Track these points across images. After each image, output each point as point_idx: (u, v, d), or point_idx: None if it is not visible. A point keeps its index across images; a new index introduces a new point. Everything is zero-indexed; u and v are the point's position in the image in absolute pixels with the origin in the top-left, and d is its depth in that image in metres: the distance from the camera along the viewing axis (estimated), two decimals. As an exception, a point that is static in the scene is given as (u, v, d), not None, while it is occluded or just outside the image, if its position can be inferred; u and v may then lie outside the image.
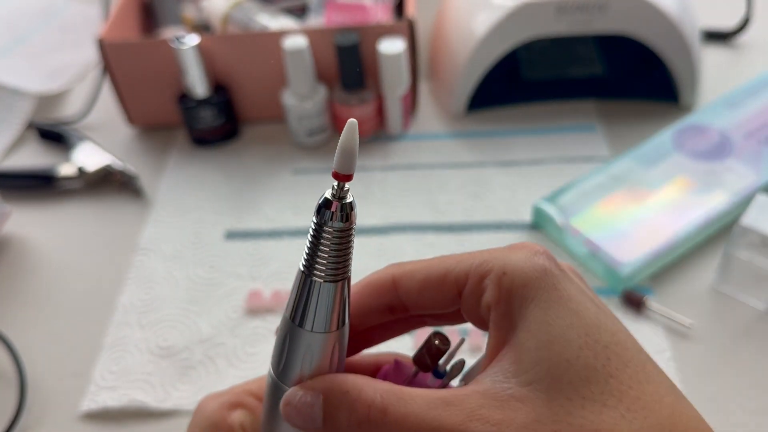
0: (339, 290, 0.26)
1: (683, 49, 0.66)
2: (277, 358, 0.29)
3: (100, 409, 0.50)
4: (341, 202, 0.24)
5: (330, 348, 0.28)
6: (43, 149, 0.74)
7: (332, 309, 0.27)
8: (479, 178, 0.65)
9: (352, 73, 0.66)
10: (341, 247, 0.25)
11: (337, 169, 0.24)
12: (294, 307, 0.27)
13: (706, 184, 0.59)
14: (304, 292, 0.26)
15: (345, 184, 0.24)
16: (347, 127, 0.24)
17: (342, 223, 0.25)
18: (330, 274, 0.26)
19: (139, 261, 0.61)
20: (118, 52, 0.68)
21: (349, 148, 0.24)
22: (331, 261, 0.26)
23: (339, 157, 0.24)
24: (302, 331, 0.27)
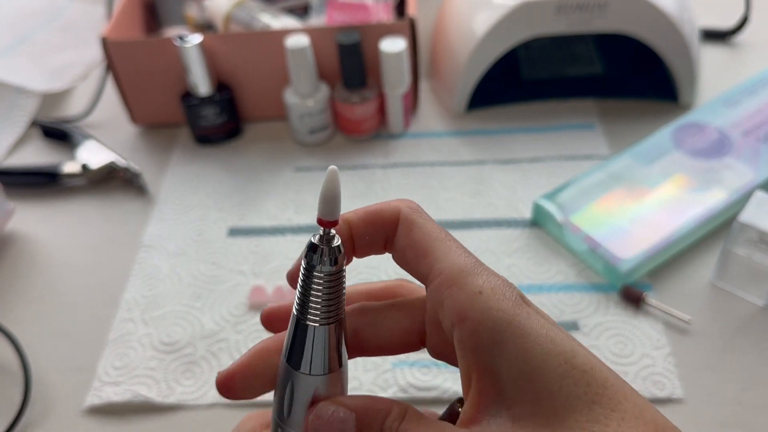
0: (333, 332, 0.26)
1: (682, 48, 0.67)
2: (278, 401, 0.29)
3: (104, 404, 0.51)
4: (329, 246, 0.25)
5: (329, 389, 0.28)
6: (47, 147, 0.75)
7: (328, 351, 0.27)
8: (479, 176, 0.66)
9: (354, 71, 0.66)
10: (332, 291, 0.26)
11: (321, 216, 0.24)
12: (290, 352, 0.27)
13: (705, 182, 0.59)
14: (299, 336, 0.26)
15: (331, 230, 0.25)
16: (328, 175, 0.24)
17: (331, 267, 0.25)
18: (323, 317, 0.26)
19: (143, 258, 0.61)
20: (121, 50, 0.68)
21: (332, 196, 0.24)
22: (324, 305, 0.26)
23: (322, 204, 0.24)
24: (300, 375, 0.27)
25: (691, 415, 0.47)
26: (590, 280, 0.56)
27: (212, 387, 0.51)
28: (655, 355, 0.50)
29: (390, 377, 0.50)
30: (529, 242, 0.59)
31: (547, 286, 0.56)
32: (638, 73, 0.74)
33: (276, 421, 0.30)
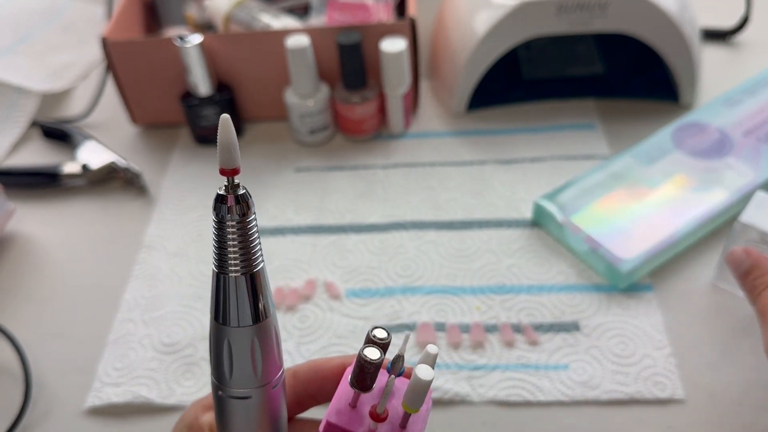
0: (255, 279, 0.27)
1: (683, 47, 0.67)
2: (216, 366, 0.29)
3: (104, 405, 0.51)
4: (235, 194, 0.25)
5: (264, 339, 0.28)
6: (47, 147, 0.75)
7: (254, 299, 0.27)
8: (480, 176, 0.66)
9: (354, 71, 0.66)
10: (246, 238, 0.26)
11: (222, 165, 0.25)
12: (218, 309, 0.27)
13: (706, 182, 0.59)
14: (223, 290, 0.27)
15: (234, 178, 0.25)
16: (221, 124, 0.24)
17: (239, 216, 0.25)
18: (242, 267, 0.26)
19: (143, 258, 0.61)
20: (121, 50, 0.68)
21: (228, 143, 0.25)
22: (240, 254, 0.26)
23: (220, 153, 0.25)
24: (234, 330, 0.28)
25: (692, 415, 0.47)
26: (591, 280, 0.56)
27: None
28: (656, 356, 0.50)
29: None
30: (529, 242, 0.59)
31: (547, 286, 0.56)
32: (639, 73, 0.74)
33: (216, 389, 0.30)
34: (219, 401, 0.31)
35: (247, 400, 0.30)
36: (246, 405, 0.30)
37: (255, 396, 0.30)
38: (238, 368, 0.29)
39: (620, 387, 0.49)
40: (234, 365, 0.29)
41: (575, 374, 0.50)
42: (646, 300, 0.54)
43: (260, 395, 0.30)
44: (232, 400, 0.30)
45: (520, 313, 0.54)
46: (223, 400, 0.30)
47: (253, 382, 0.29)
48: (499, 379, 0.50)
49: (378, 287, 0.57)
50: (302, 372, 0.36)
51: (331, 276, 0.58)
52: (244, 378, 0.29)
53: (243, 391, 0.30)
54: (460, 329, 0.53)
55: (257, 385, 0.30)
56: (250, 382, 0.29)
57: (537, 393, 0.49)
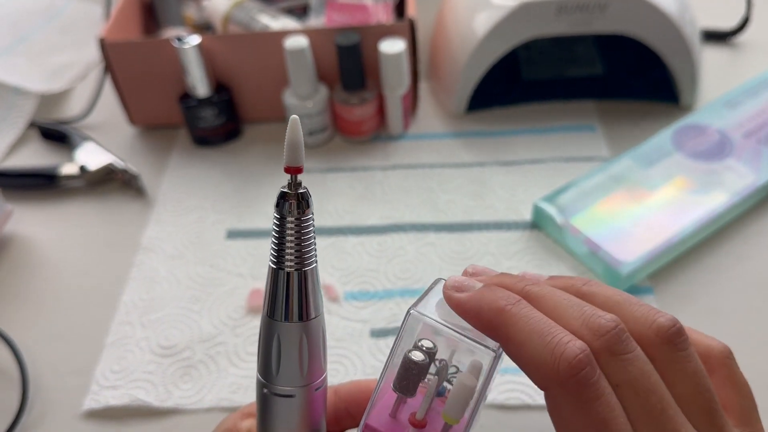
0: (310, 277, 0.28)
1: (683, 49, 0.66)
2: (264, 362, 0.30)
3: (102, 407, 0.50)
4: (296, 192, 0.26)
5: (313, 336, 0.29)
6: (45, 148, 0.74)
7: (307, 297, 0.28)
8: (479, 178, 0.66)
9: (353, 72, 0.66)
10: (304, 236, 0.27)
11: (288, 163, 0.26)
12: (273, 305, 0.28)
13: (706, 184, 0.59)
14: (279, 286, 0.27)
15: (297, 177, 0.26)
16: (291, 124, 0.25)
17: (301, 213, 0.26)
18: (298, 263, 0.27)
19: (141, 260, 0.61)
20: (119, 51, 0.68)
21: (295, 142, 0.25)
22: (297, 250, 0.27)
23: (287, 152, 0.25)
24: (286, 326, 0.28)
25: (692, 419, 0.47)
26: (591, 283, 0.56)
27: (210, 391, 0.51)
28: (655, 359, 0.50)
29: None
30: (529, 244, 0.59)
31: (547, 289, 0.55)
32: (639, 75, 0.74)
33: (261, 386, 0.30)
34: (263, 399, 0.31)
35: (290, 399, 0.30)
36: (289, 404, 0.30)
37: (299, 395, 0.30)
38: (285, 365, 0.29)
39: (620, 390, 0.48)
40: (282, 362, 0.29)
41: (575, 377, 0.49)
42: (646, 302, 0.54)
43: (304, 395, 0.30)
44: (276, 398, 0.30)
45: (519, 315, 0.54)
46: (267, 398, 0.30)
47: (299, 380, 0.30)
48: (498, 382, 0.50)
49: (377, 290, 0.57)
50: (344, 390, 0.35)
51: (329, 278, 0.58)
52: (290, 375, 0.29)
53: (288, 389, 0.30)
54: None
55: (302, 384, 0.30)
56: (295, 380, 0.30)
57: (536, 396, 0.49)
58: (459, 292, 0.28)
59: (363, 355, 0.52)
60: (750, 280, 0.55)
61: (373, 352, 0.52)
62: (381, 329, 0.53)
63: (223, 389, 0.51)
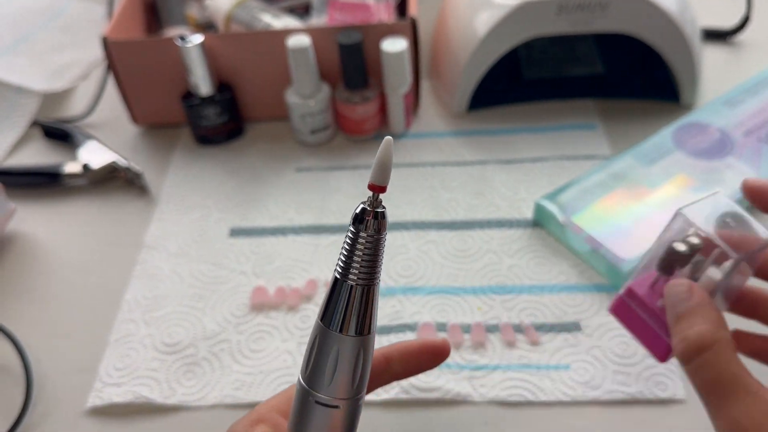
0: (371, 294, 0.28)
1: (683, 48, 0.67)
2: (314, 370, 0.30)
3: (105, 405, 0.51)
4: (375, 211, 0.26)
5: (369, 351, 0.29)
6: (48, 147, 0.75)
7: (365, 312, 0.28)
8: (481, 176, 0.66)
9: (355, 71, 0.66)
10: (375, 253, 0.27)
11: (373, 181, 0.26)
12: (329, 311, 0.28)
13: (706, 182, 0.59)
14: (339, 296, 0.28)
15: (379, 195, 0.26)
16: (384, 144, 0.26)
17: (374, 231, 0.26)
18: (363, 278, 0.27)
19: (144, 258, 0.61)
20: (122, 50, 0.68)
21: (385, 163, 0.26)
22: (365, 266, 0.27)
23: (376, 170, 0.26)
24: (335, 335, 0.28)
25: (692, 415, 0.47)
26: (592, 280, 0.56)
27: (214, 388, 0.51)
28: (657, 356, 0.50)
29: (392, 378, 0.50)
30: (530, 243, 0.59)
31: (549, 286, 0.56)
32: (639, 73, 0.74)
33: (307, 393, 0.30)
34: (305, 406, 0.30)
35: (335, 410, 0.30)
36: (332, 414, 0.30)
37: (343, 407, 0.30)
38: (339, 377, 0.29)
39: (621, 387, 0.49)
40: (336, 373, 0.29)
41: (576, 374, 0.50)
42: None
43: (349, 407, 0.30)
44: (320, 408, 0.30)
45: (521, 313, 0.54)
46: (310, 406, 0.30)
47: (348, 393, 0.30)
48: (501, 379, 0.50)
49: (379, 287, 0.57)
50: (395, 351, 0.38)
51: (332, 276, 0.58)
52: (341, 387, 0.29)
53: (335, 400, 0.30)
54: (462, 329, 0.53)
55: (350, 397, 0.30)
56: (344, 392, 0.29)
57: (538, 393, 0.49)
58: None
59: (366, 353, 0.52)
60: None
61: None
62: (383, 326, 0.54)
63: (226, 386, 0.51)
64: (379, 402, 0.49)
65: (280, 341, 0.54)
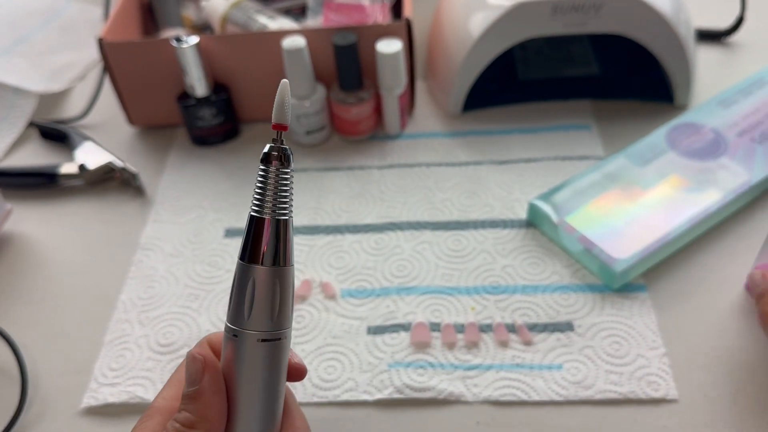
0: (284, 227, 0.30)
1: (678, 49, 0.67)
2: (236, 307, 0.31)
3: (100, 405, 0.51)
4: (280, 147, 0.29)
5: (277, 283, 0.30)
6: (44, 148, 0.75)
7: (278, 243, 0.29)
8: (475, 177, 0.66)
9: (350, 72, 0.66)
10: (284, 187, 0.29)
11: (275, 121, 0.29)
12: (245, 247, 0.30)
13: (700, 182, 0.60)
14: (252, 229, 0.29)
15: (281, 134, 0.29)
16: (281, 86, 0.29)
17: (280, 165, 0.29)
18: (280, 212, 0.29)
19: (139, 258, 0.61)
20: (118, 51, 0.68)
21: (283, 103, 0.29)
22: (280, 200, 0.29)
23: (276, 111, 0.29)
24: (251, 267, 0.30)
25: (685, 415, 0.47)
26: (585, 280, 0.56)
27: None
28: (650, 356, 0.51)
29: (386, 378, 0.50)
30: (524, 243, 0.60)
31: (542, 286, 0.56)
32: (634, 74, 0.75)
33: (231, 331, 0.31)
34: (227, 347, 0.32)
35: (258, 344, 0.31)
36: (255, 350, 0.31)
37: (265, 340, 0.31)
38: (258, 307, 0.30)
39: (614, 387, 0.49)
40: (255, 304, 0.30)
41: (569, 374, 0.50)
42: (640, 300, 0.54)
43: (270, 340, 0.31)
44: (240, 343, 0.31)
45: (514, 313, 0.54)
46: (230, 344, 0.31)
47: (268, 325, 0.31)
48: (494, 378, 0.50)
49: (373, 287, 0.57)
50: None
51: (326, 276, 0.58)
52: (260, 319, 0.31)
53: (255, 333, 0.31)
54: (455, 329, 0.53)
55: (270, 329, 0.31)
56: (265, 324, 0.31)
57: (531, 393, 0.49)
58: None
59: (360, 353, 0.52)
60: (743, 279, 0.55)
61: (370, 349, 0.53)
62: (378, 327, 0.54)
63: (220, 386, 0.51)
64: (372, 402, 0.50)
65: (275, 341, 0.54)
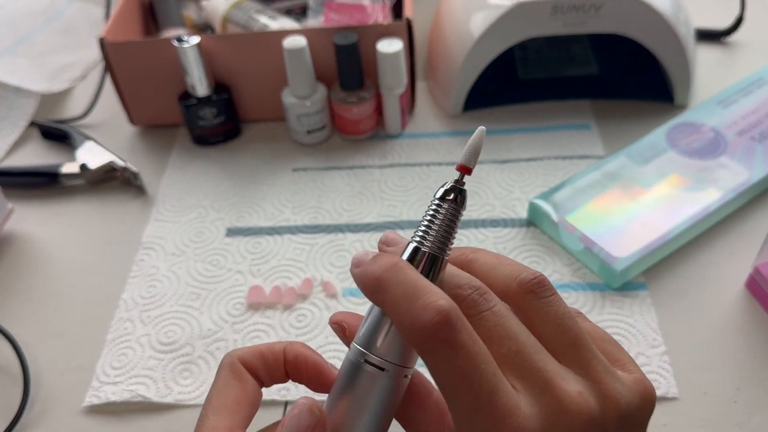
0: (441, 264, 0.29)
1: (677, 48, 0.67)
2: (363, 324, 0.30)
3: (102, 403, 0.51)
4: (460, 188, 0.29)
5: None
6: (46, 148, 0.75)
7: (437, 280, 0.28)
8: (476, 176, 0.66)
9: (351, 72, 0.66)
10: (451, 225, 0.29)
11: (463, 162, 0.29)
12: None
13: (700, 181, 0.60)
14: (410, 259, 0.29)
15: (464, 176, 0.29)
16: (477, 132, 0.29)
17: (458, 205, 0.29)
18: (437, 247, 0.28)
19: (141, 258, 0.61)
20: (119, 51, 0.68)
21: (476, 148, 0.29)
22: (441, 236, 0.28)
23: (467, 153, 0.29)
24: None
25: (686, 413, 0.47)
26: (586, 279, 0.56)
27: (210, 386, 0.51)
28: (650, 354, 0.51)
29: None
30: (525, 242, 0.60)
31: (543, 285, 0.56)
32: (634, 74, 0.75)
33: (357, 354, 0.30)
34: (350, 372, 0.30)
35: (380, 373, 0.29)
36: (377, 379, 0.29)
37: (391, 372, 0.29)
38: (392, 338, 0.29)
39: (614, 384, 0.49)
40: (390, 334, 0.29)
41: (570, 372, 0.50)
42: (640, 298, 0.54)
43: (395, 373, 0.29)
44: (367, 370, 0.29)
45: (515, 311, 0.54)
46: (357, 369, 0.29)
47: (398, 357, 0.29)
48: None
49: (374, 286, 0.57)
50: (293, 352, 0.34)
51: (328, 275, 0.58)
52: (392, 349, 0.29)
53: (384, 362, 0.29)
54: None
55: (399, 363, 0.29)
56: (396, 355, 0.29)
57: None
58: (356, 267, 0.29)
59: (361, 351, 0.53)
60: (743, 277, 0.55)
61: (371, 348, 0.53)
62: (379, 325, 0.54)
63: (222, 384, 0.51)
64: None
65: (276, 340, 0.54)
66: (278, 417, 0.50)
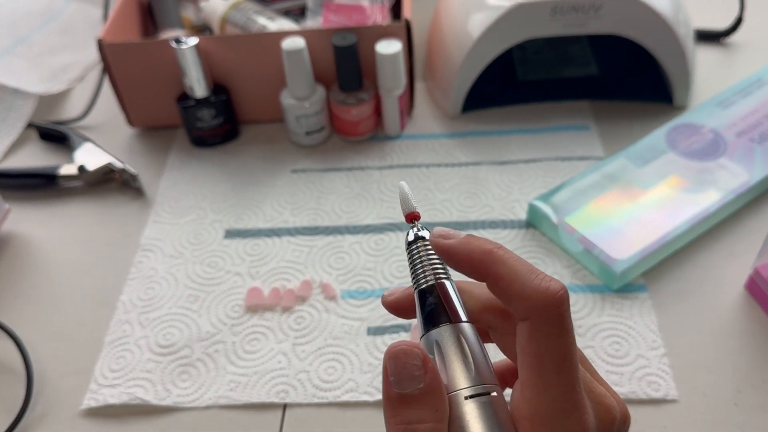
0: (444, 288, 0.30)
1: (677, 49, 0.67)
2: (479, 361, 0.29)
3: (101, 406, 0.51)
4: (418, 230, 0.31)
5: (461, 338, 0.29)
6: (44, 149, 0.75)
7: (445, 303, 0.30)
8: (475, 177, 0.66)
9: (350, 73, 0.66)
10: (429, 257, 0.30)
11: (406, 212, 0.31)
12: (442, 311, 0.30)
13: (699, 183, 0.60)
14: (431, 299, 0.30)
15: (417, 222, 0.31)
16: (399, 188, 0.32)
17: (425, 241, 0.31)
18: (439, 275, 0.30)
19: (140, 260, 0.61)
20: (117, 52, 0.68)
21: (405, 196, 0.31)
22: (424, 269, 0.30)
23: (403, 204, 0.31)
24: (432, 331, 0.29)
25: (686, 415, 0.47)
26: (585, 281, 0.56)
27: (209, 389, 0.51)
28: (650, 356, 0.51)
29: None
30: (524, 243, 0.60)
31: (542, 287, 0.56)
32: (633, 75, 0.75)
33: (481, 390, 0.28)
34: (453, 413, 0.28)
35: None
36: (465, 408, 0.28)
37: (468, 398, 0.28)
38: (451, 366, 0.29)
39: (614, 387, 0.49)
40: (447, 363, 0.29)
41: (569, 374, 0.50)
42: (640, 300, 0.54)
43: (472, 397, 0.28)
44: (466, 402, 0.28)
45: (514, 313, 0.54)
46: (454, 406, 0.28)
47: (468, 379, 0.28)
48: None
49: (374, 288, 0.57)
50: None
51: (327, 277, 0.58)
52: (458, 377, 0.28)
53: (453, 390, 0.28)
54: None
55: (472, 384, 0.28)
56: (465, 380, 0.28)
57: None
58: (446, 239, 0.30)
59: (360, 353, 0.52)
60: (742, 279, 0.55)
61: (370, 350, 0.53)
62: (378, 327, 0.54)
63: (221, 387, 0.51)
64: (373, 402, 0.50)
65: (275, 342, 0.54)
66: (278, 417, 0.50)
